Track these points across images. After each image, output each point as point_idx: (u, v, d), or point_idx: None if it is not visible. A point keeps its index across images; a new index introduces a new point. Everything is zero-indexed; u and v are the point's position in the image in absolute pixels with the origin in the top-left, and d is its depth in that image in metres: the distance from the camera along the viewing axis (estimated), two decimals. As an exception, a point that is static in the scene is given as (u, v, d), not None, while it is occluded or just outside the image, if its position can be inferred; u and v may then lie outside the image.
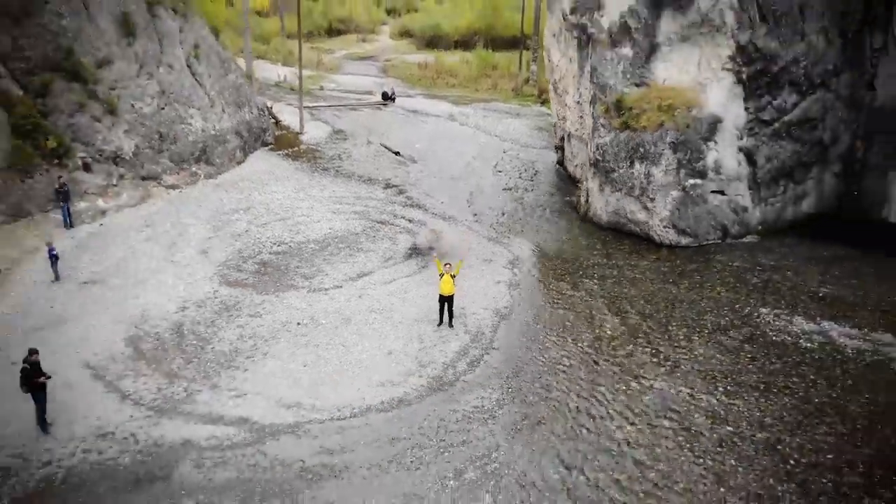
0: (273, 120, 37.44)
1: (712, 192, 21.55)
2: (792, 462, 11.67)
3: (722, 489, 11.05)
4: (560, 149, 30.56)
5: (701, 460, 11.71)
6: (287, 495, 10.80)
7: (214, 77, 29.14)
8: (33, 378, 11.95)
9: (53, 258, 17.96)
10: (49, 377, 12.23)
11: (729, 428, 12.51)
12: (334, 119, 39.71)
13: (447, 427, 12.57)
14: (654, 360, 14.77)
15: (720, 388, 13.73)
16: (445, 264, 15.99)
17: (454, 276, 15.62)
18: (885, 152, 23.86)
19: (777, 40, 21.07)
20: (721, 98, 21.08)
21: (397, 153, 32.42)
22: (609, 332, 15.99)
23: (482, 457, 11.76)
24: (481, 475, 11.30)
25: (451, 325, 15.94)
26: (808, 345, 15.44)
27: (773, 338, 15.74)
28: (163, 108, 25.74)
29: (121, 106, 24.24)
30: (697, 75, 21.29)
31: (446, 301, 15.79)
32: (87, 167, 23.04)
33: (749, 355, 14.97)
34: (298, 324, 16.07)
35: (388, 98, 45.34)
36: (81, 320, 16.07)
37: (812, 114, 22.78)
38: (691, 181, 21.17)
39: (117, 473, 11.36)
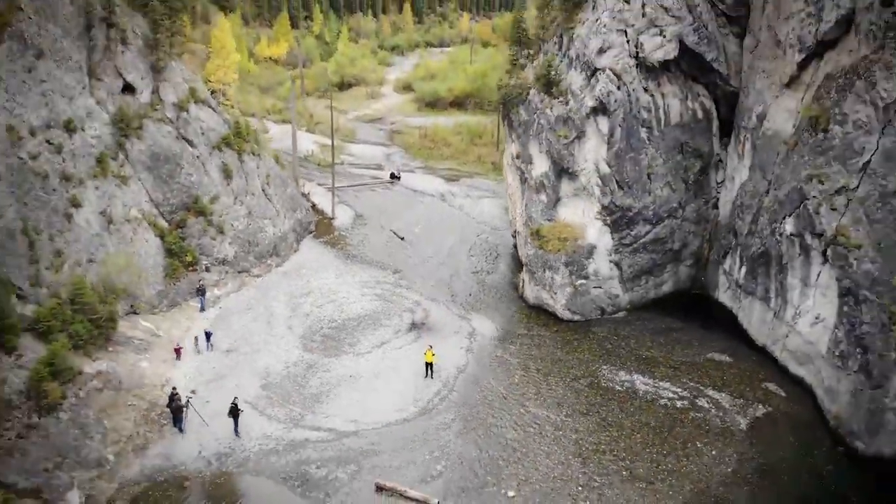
0: (310, 204, 51.11)
1: (594, 287, 35.36)
2: (583, 448, 25.46)
3: (548, 460, 24.83)
4: (514, 237, 44.29)
5: (543, 448, 25.51)
6: (356, 461, 24.61)
7: (279, 194, 43.06)
8: (236, 411, 25.81)
9: (208, 337, 31.77)
10: (242, 410, 26.09)
11: (560, 432, 26.32)
12: (355, 200, 53.36)
13: (427, 432, 26.37)
14: (535, 395, 28.60)
15: (563, 412, 27.55)
16: (429, 345, 29.91)
17: (434, 354, 29.47)
18: (719, 252, 37.59)
19: (630, 198, 34.82)
20: (595, 233, 34.88)
21: (402, 238, 46.21)
22: (516, 380, 29.83)
23: (442, 446, 25.56)
24: (441, 454, 25.10)
25: (431, 377, 29.74)
26: (619, 388, 29.25)
27: (603, 384, 29.56)
28: (250, 225, 39.65)
29: (225, 227, 38.11)
30: (582, 218, 35.11)
31: (429, 364, 29.63)
32: (207, 269, 36.96)
33: (585, 394, 28.80)
34: (350, 376, 29.89)
35: (394, 177, 59.22)
36: (232, 376, 29.87)
37: (661, 235, 36.49)
38: (579, 282, 35.00)
39: (278, 453, 25.20)
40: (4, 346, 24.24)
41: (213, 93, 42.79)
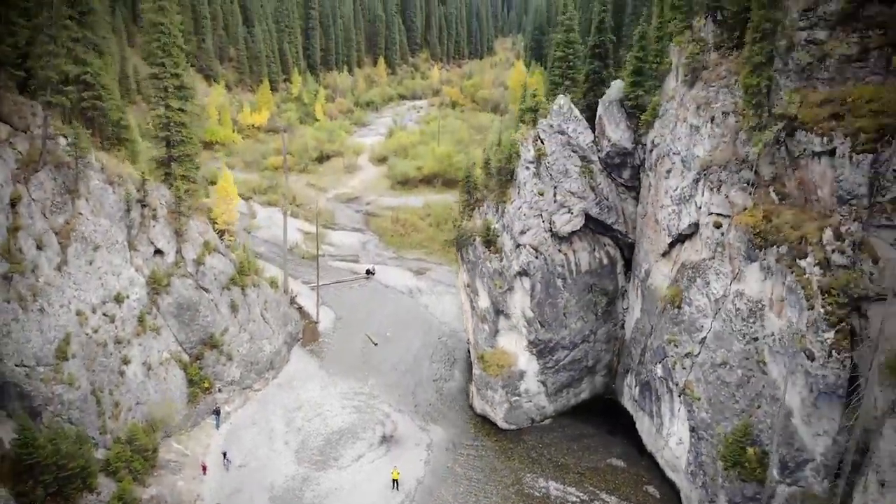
0: (297, 307, 60.69)
1: (525, 402, 45.64)
2: (506, 548, 35.66)
3: (479, 559, 35.02)
4: (468, 343, 54.39)
5: (476, 549, 35.67)
6: (342, 566, 34.52)
7: (274, 315, 52.81)
8: (254, 527, 35.57)
9: (225, 457, 41.34)
10: (258, 526, 35.83)
11: (490, 535, 36.49)
12: (335, 300, 63.11)
13: (394, 537, 36.37)
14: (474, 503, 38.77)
15: (494, 518, 37.74)
16: (394, 466, 39.89)
17: (398, 472, 39.43)
18: (624, 367, 48.03)
19: (551, 333, 45.20)
20: (525, 361, 45.21)
21: (376, 344, 56.15)
22: (461, 489, 39.87)
23: (404, 549, 35.60)
24: (403, 557, 35.17)
25: (397, 489, 39.65)
26: (538, 494, 39.46)
27: (526, 491, 39.76)
28: (251, 347, 49.33)
29: (233, 353, 47.75)
30: (515, 348, 45.43)
31: (395, 480, 39.58)
32: (220, 391, 46.58)
33: (511, 500, 38.93)
34: (335, 489, 39.60)
35: (370, 273, 69.17)
36: (246, 490, 39.41)
37: (578, 357, 46.93)
38: (514, 398, 45.26)
39: (285, 559, 34.96)
40: (88, 487, 33.70)
41: (220, 233, 52.35)
